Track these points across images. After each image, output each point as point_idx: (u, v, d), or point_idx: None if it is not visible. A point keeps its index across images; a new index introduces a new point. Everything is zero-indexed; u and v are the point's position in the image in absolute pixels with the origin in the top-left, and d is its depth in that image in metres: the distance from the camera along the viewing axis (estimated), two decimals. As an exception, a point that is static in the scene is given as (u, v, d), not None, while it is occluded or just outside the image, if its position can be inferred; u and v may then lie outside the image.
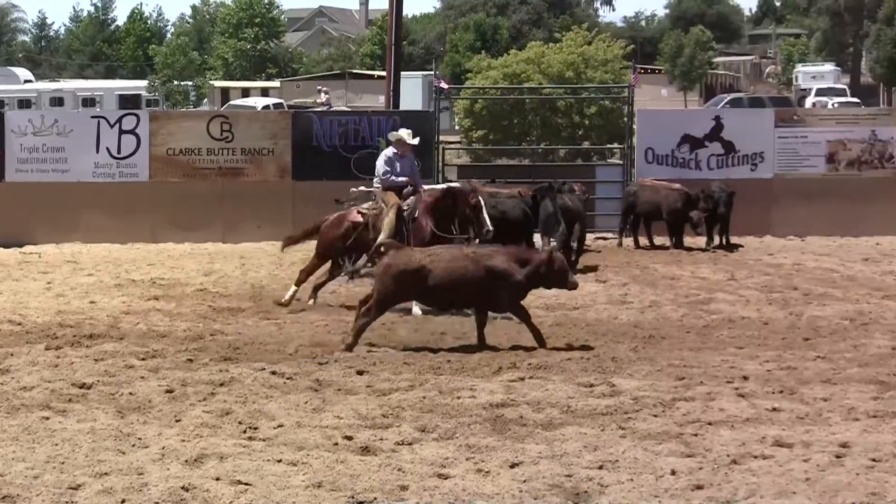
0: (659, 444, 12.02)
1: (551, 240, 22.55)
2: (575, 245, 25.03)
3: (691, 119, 35.70)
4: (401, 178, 21.46)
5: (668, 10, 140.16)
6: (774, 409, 13.42)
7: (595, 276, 24.02)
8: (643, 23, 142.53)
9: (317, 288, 21.34)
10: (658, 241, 29.06)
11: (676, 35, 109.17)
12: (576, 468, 11.27)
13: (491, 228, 20.48)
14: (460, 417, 13.14)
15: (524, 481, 10.88)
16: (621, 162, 33.36)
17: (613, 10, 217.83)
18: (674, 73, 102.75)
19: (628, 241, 29.05)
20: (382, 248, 18.58)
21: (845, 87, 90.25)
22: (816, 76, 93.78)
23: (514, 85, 46.94)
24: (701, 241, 28.55)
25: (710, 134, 31.60)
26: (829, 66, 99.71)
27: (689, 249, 28.12)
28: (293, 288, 21.26)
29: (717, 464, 11.39)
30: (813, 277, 22.78)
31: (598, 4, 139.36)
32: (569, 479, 10.94)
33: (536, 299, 21.36)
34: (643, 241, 28.93)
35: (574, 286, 17.54)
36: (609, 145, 39.92)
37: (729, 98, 76.50)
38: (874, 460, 11.50)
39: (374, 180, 21.85)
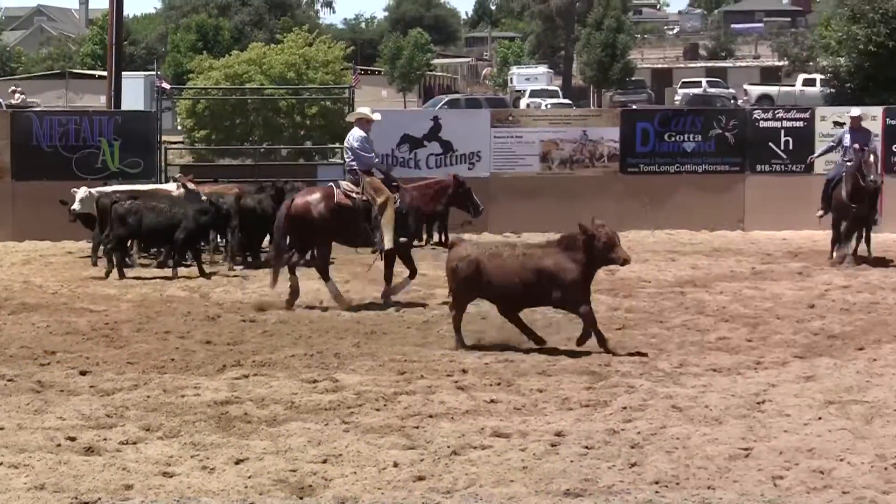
0: (381, 437, 12.07)
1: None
2: None
3: (410, 119, 36.00)
4: (375, 159, 21.56)
5: (387, 13, 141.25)
6: (492, 401, 13.58)
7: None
8: (363, 25, 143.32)
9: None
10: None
11: (395, 37, 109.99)
12: (300, 463, 11.25)
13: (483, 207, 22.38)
14: (185, 416, 13.01)
15: (249, 477, 10.82)
16: (342, 161, 33.40)
17: (334, 12, 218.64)
18: (393, 74, 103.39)
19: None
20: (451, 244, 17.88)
21: (558, 88, 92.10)
22: (530, 78, 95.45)
23: (236, 85, 46.82)
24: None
25: (428, 134, 31.85)
26: (542, 69, 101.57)
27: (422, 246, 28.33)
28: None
29: (438, 455, 11.47)
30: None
31: (318, 7, 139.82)
32: (293, 473, 10.91)
33: (259, 296, 21.38)
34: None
35: (627, 260, 16.48)
36: (331, 145, 39.95)
37: (447, 99, 77.30)
38: (587, 448, 11.72)
39: (353, 164, 21.09)
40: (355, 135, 21.17)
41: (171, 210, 24.13)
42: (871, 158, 25.54)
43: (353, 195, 20.66)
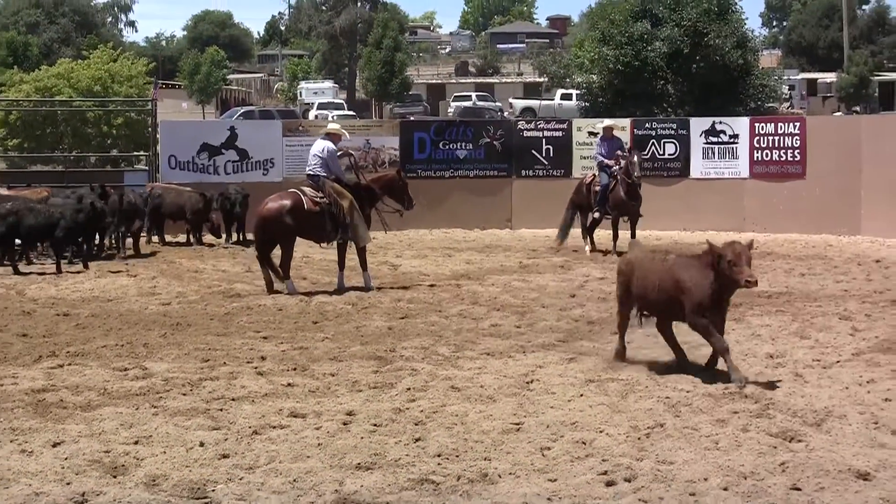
0: (188, 419, 11.97)
1: None
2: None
3: (209, 129, 35.69)
4: (342, 168, 21.93)
5: (185, 32, 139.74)
6: (289, 385, 13.53)
7: (128, 270, 23.75)
8: (164, 43, 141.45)
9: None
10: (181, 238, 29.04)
11: (194, 54, 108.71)
12: (114, 444, 11.10)
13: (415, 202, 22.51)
14: (3, 403, 12.73)
15: (66, 458, 10.65)
16: (147, 168, 33.00)
17: (136, 31, 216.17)
18: (192, 87, 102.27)
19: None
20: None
21: (343, 101, 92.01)
22: (318, 92, 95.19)
23: (46, 98, 45.90)
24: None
25: (226, 142, 31.70)
26: (328, 84, 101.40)
27: (210, 246, 28.12)
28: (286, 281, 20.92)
29: (241, 435, 11.41)
30: (321, 268, 23.10)
31: (122, 26, 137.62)
32: (107, 454, 10.77)
33: (72, 291, 21.05)
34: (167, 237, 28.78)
35: (751, 282, 13.54)
36: (136, 153, 39.41)
37: (242, 111, 76.75)
38: (375, 425, 11.75)
39: (321, 171, 21.25)
40: (327, 146, 21.48)
41: (49, 210, 23.85)
42: (636, 159, 26.16)
43: (318, 199, 21.02)
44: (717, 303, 13.75)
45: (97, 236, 25.63)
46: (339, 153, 21.86)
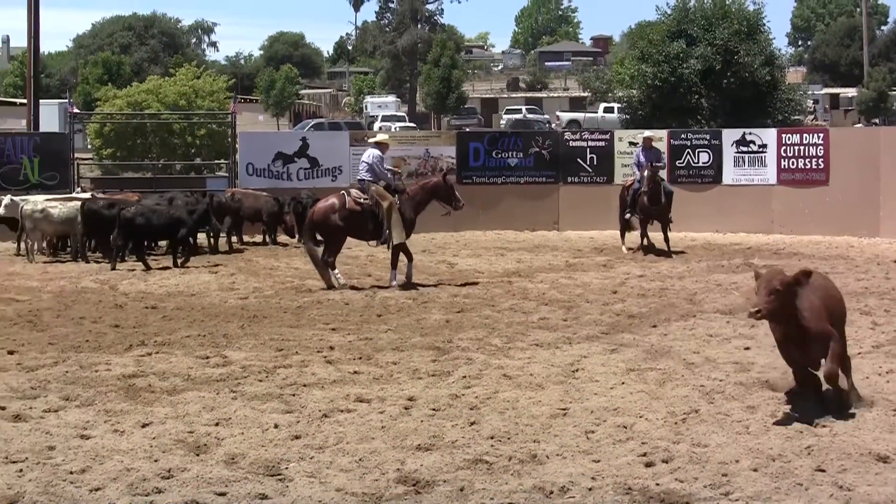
0: (264, 403, 11.99)
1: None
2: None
3: (283, 140, 36.01)
4: (389, 175, 21.86)
5: (262, 52, 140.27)
6: (356, 372, 13.54)
7: (209, 268, 23.85)
8: (242, 61, 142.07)
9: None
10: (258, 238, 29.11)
11: (270, 72, 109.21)
12: (197, 425, 11.15)
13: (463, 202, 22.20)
14: (98, 387, 12.82)
15: (154, 438, 10.71)
16: (227, 174, 33.15)
17: (218, 50, 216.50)
18: (268, 102, 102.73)
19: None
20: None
21: (404, 114, 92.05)
22: (381, 105, 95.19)
23: (137, 111, 46.28)
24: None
25: (298, 151, 31.80)
26: (391, 98, 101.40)
27: (284, 245, 28.19)
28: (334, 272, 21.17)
29: (311, 418, 11.42)
30: (385, 266, 23.12)
31: (205, 46, 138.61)
32: (191, 434, 10.82)
33: (160, 286, 21.16)
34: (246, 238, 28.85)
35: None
36: (217, 161, 39.61)
37: (313, 123, 76.95)
38: (434, 410, 11.73)
39: (367, 176, 21.35)
40: (374, 154, 21.60)
41: (171, 211, 24.44)
42: (647, 172, 26.20)
43: (362, 201, 21.12)
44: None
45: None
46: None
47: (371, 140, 22.71)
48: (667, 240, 26.42)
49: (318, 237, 21.47)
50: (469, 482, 9.42)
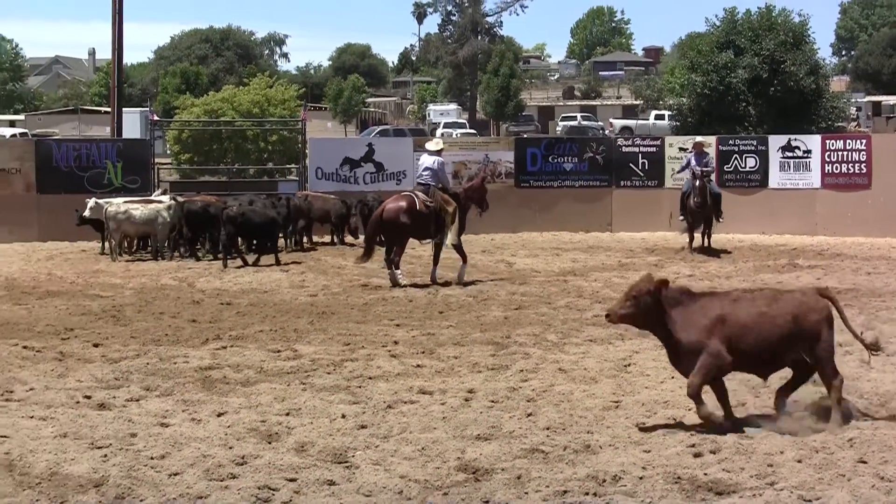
0: (332, 394, 12.06)
1: None
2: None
3: (350, 146, 36.02)
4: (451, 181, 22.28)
5: (330, 62, 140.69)
6: (419, 366, 13.59)
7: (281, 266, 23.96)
8: (312, 71, 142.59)
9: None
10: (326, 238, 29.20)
11: (338, 81, 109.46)
12: (268, 415, 11.23)
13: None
14: (177, 378, 12.95)
15: (229, 426, 10.80)
16: (297, 178, 33.27)
17: (289, 61, 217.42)
18: (336, 109, 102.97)
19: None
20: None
21: (465, 121, 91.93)
22: (443, 113, 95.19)
23: (213, 118, 46.54)
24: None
25: (364, 157, 31.88)
26: (452, 106, 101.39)
27: (351, 245, 28.27)
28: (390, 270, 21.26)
29: (377, 408, 11.47)
30: (447, 266, 23.12)
31: (277, 57, 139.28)
32: (263, 423, 10.89)
33: (234, 283, 21.28)
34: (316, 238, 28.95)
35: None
36: (288, 165, 39.79)
37: (378, 129, 77.02)
38: (493, 402, 11.77)
39: (431, 181, 21.57)
40: (438, 160, 21.81)
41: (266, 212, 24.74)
42: (689, 175, 26.54)
43: (428, 203, 21.21)
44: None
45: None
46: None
47: (428, 146, 22.68)
48: (708, 237, 26.54)
49: (381, 237, 21.57)
50: (526, 470, 9.42)
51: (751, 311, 10.63)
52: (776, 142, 31.99)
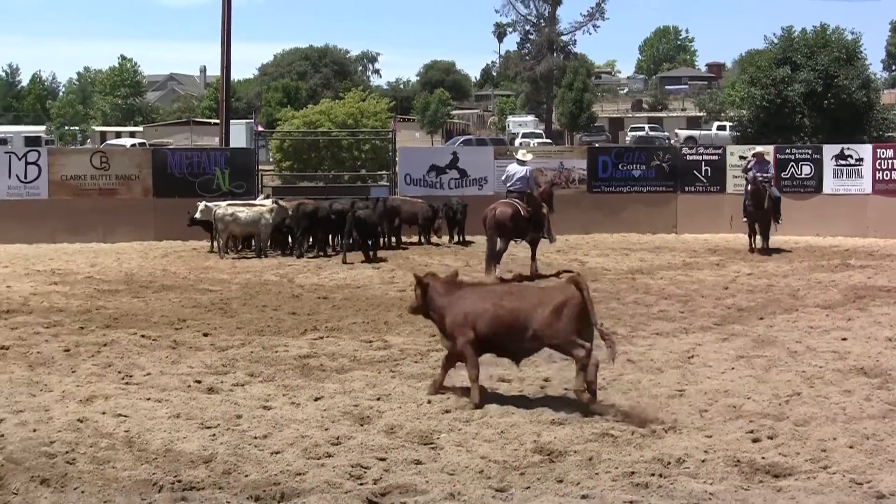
0: (419, 381, 12.07)
1: None
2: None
3: (436, 154, 36.09)
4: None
5: (418, 77, 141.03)
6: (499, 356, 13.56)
7: (373, 264, 24.05)
8: (402, 86, 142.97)
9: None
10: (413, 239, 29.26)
11: (425, 95, 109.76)
12: (361, 400, 11.26)
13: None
14: (278, 366, 13.04)
15: (325, 410, 10.84)
16: (388, 184, 33.38)
17: (381, 76, 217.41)
18: (423, 121, 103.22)
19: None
20: None
21: (542, 132, 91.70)
22: (522, 124, 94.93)
23: (311, 129, 46.86)
24: (444, 238, 28.87)
25: (449, 164, 31.89)
26: (530, 117, 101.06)
27: (437, 245, 28.32)
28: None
29: (459, 395, 11.41)
30: (526, 265, 23.06)
31: (369, 73, 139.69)
32: (356, 407, 10.92)
33: (330, 279, 21.40)
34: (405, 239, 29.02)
35: None
36: (379, 172, 39.96)
37: (462, 139, 77.13)
38: (566, 389, 11.67)
39: (521, 187, 22.04)
40: (529, 170, 22.35)
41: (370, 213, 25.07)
42: (750, 177, 26.49)
43: (527, 209, 21.86)
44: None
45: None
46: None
47: (518, 157, 22.89)
48: (766, 239, 26.35)
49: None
50: (597, 452, 9.38)
51: (496, 301, 11.01)
52: (830, 151, 31.59)
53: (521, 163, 22.37)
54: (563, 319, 10.70)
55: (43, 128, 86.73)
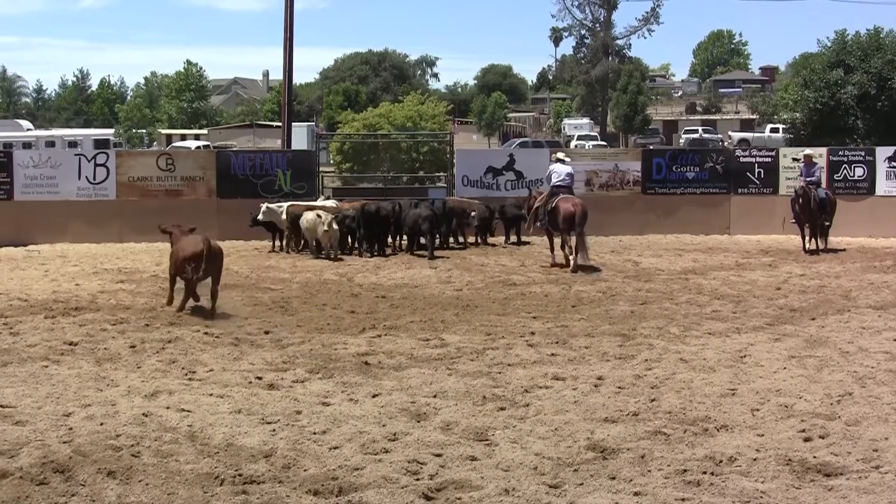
0: (474, 379, 12.07)
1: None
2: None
3: (493, 156, 35.95)
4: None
5: (476, 81, 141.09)
6: (553, 354, 13.53)
7: (430, 263, 24.06)
8: (459, 89, 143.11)
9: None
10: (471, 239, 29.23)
11: (482, 98, 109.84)
12: (418, 397, 11.28)
13: None
14: (337, 363, 13.08)
15: (382, 406, 10.87)
16: (445, 185, 33.38)
17: (439, 80, 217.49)
18: (481, 123, 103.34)
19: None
20: None
21: (597, 134, 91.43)
22: (577, 126, 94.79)
23: (371, 132, 47.01)
24: (500, 239, 28.83)
25: (506, 166, 31.80)
26: (585, 120, 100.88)
27: (493, 245, 28.28)
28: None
29: (515, 392, 11.45)
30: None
31: (428, 77, 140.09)
32: (413, 404, 10.94)
33: (388, 279, 21.44)
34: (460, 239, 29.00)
35: None
36: (437, 173, 39.98)
37: (518, 141, 77.04)
38: (620, 388, 11.67)
39: (568, 182, 23.76)
40: (569, 168, 24.17)
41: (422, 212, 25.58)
42: (801, 183, 26.63)
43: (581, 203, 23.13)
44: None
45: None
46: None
47: (560, 157, 24.61)
48: (816, 240, 26.38)
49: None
50: (649, 450, 9.33)
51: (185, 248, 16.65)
52: (883, 153, 31.23)
53: (563, 162, 24.11)
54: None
55: (111, 131, 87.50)
